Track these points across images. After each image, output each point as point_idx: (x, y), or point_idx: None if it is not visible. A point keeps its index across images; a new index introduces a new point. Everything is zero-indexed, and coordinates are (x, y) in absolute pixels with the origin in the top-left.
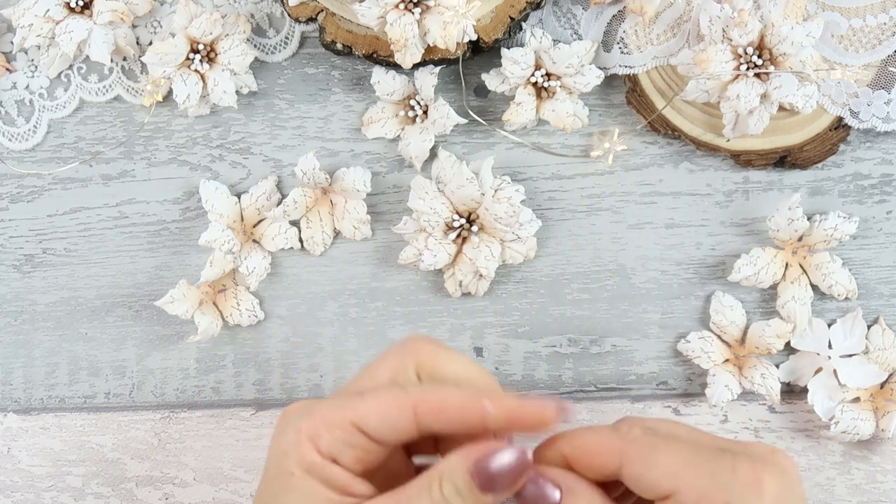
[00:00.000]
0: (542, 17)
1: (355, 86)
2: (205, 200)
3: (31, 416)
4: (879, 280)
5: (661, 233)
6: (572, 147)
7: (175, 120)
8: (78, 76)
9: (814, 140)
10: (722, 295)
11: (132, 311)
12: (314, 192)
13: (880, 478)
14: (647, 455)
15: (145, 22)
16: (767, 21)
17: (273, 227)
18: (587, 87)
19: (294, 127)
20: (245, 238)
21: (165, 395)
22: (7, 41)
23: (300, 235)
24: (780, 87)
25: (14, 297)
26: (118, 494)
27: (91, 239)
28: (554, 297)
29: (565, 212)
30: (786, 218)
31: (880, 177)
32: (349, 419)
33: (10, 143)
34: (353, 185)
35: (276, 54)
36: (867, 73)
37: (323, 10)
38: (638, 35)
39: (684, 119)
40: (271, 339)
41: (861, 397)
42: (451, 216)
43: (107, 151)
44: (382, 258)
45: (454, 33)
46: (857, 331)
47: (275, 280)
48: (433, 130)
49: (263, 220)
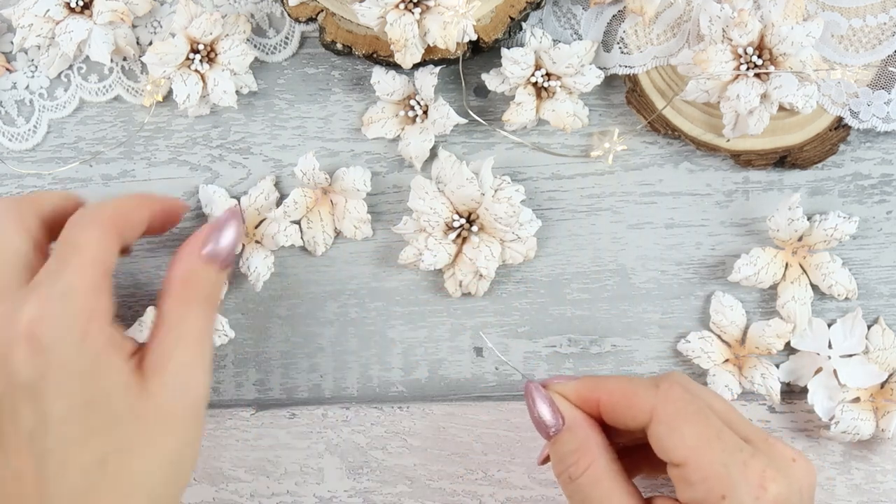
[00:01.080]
0: (542, 17)
1: (355, 86)
2: (204, 205)
3: None
4: (879, 280)
5: (661, 233)
6: (572, 147)
7: (175, 120)
8: (78, 76)
9: (814, 140)
10: (722, 295)
11: (132, 312)
12: (314, 192)
13: (880, 478)
14: (675, 421)
15: (145, 22)
16: (767, 21)
17: (273, 226)
18: (587, 87)
19: (294, 127)
20: (247, 240)
21: None
22: (7, 41)
23: (302, 235)
24: (780, 87)
25: None
26: None
27: None
28: (554, 297)
29: (565, 212)
30: (786, 218)
31: (880, 177)
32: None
33: (10, 143)
34: (353, 184)
35: (276, 54)
36: (867, 73)
37: (323, 10)
38: (638, 35)
39: (684, 119)
40: (271, 339)
41: (861, 397)
42: (451, 216)
43: (107, 151)
44: (382, 258)
45: (454, 33)
46: (857, 331)
47: (275, 280)
48: (433, 130)
49: (264, 221)
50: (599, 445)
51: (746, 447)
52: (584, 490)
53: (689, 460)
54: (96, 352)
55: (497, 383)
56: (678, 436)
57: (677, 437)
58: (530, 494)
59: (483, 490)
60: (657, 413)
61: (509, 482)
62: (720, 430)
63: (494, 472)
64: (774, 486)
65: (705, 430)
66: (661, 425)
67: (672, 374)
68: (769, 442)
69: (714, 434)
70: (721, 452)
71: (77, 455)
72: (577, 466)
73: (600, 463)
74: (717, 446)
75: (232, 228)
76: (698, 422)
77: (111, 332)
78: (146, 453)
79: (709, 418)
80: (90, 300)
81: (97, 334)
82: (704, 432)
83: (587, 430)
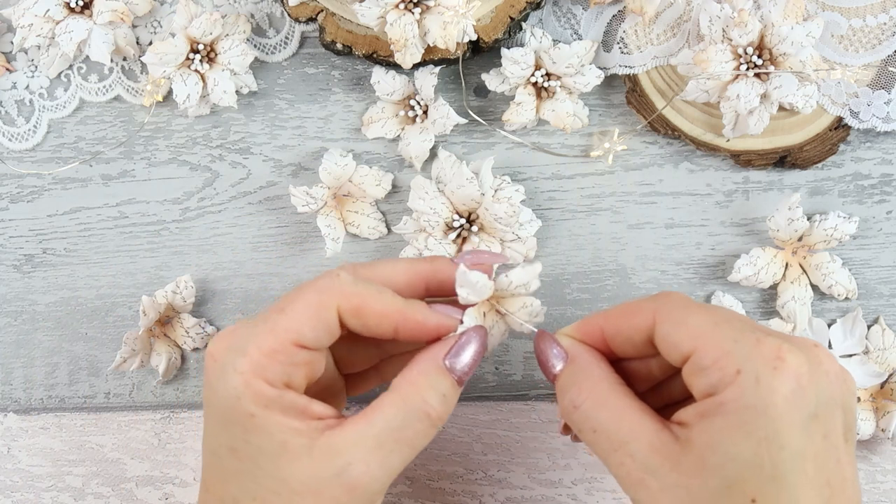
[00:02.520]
0: (542, 17)
1: (355, 86)
2: (459, 285)
3: (31, 416)
4: (879, 280)
5: (661, 233)
6: (572, 147)
7: (175, 120)
8: (78, 76)
9: (814, 140)
10: (722, 295)
11: (132, 311)
12: (330, 191)
13: (880, 478)
14: (678, 314)
15: (145, 22)
16: (767, 21)
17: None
18: (587, 87)
19: (294, 127)
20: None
21: (165, 395)
22: (7, 41)
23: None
24: (780, 87)
25: (14, 297)
26: (118, 494)
27: (91, 239)
28: (554, 297)
29: (565, 212)
30: (786, 218)
31: (880, 177)
32: (288, 340)
33: (10, 143)
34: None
35: (276, 54)
36: (867, 73)
37: (323, 10)
38: (638, 35)
39: (684, 119)
40: None
41: (861, 397)
42: (451, 216)
43: (107, 151)
44: (382, 258)
45: (454, 33)
46: (857, 331)
47: (274, 280)
48: (433, 130)
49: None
50: (603, 370)
51: (760, 328)
52: (592, 414)
53: (698, 346)
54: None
55: (497, 383)
56: (683, 326)
57: (682, 327)
58: (530, 494)
59: (483, 490)
60: (659, 315)
61: (509, 482)
62: (729, 315)
63: (494, 472)
64: (793, 358)
65: (711, 318)
66: (664, 324)
67: (667, 291)
68: (791, 335)
69: (723, 319)
70: (731, 331)
71: None
72: (580, 391)
73: (603, 386)
74: (726, 327)
75: (473, 349)
76: (702, 312)
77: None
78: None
79: (714, 308)
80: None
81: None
82: (711, 319)
83: (588, 358)
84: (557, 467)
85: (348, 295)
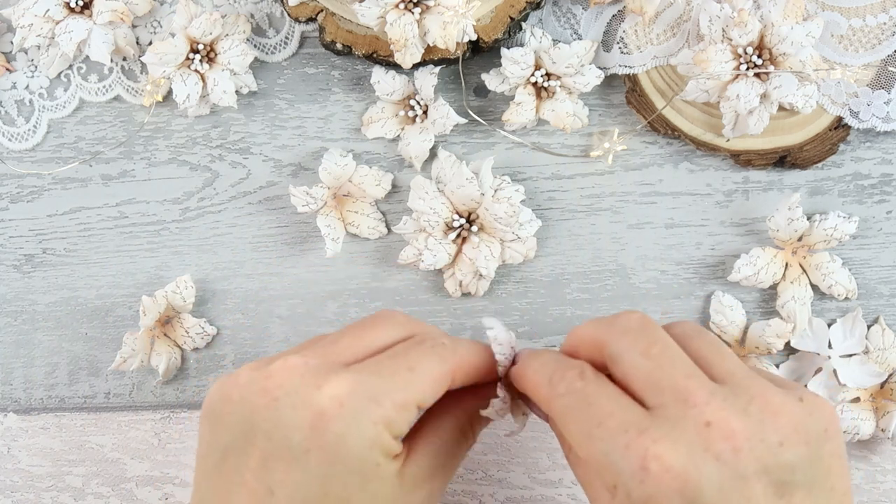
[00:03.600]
0: (542, 17)
1: (355, 86)
2: (493, 339)
3: (31, 416)
4: (879, 280)
5: (660, 233)
6: (572, 147)
7: (175, 120)
8: (78, 76)
9: (814, 140)
10: (722, 295)
11: (132, 311)
12: (329, 191)
13: (880, 478)
14: (562, 419)
15: (145, 22)
16: (767, 21)
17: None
18: (587, 87)
19: (294, 127)
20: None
21: (165, 395)
22: (7, 41)
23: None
24: (780, 87)
25: (14, 297)
26: (118, 494)
27: (91, 239)
28: (554, 297)
29: (565, 212)
30: (786, 218)
31: (880, 177)
32: (415, 401)
33: (10, 143)
34: (371, 184)
35: (276, 54)
36: (867, 73)
37: (323, 10)
38: (638, 35)
39: (684, 119)
40: (271, 339)
41: (861, 397)
42: (451, 216)
43: (107, 151)
44: (382, 258)
45: (454, 33)
46: (857, 331)
47: (275, 280)
48: (433, 130)
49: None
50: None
51: (636, 423)
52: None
53: (583, 456)
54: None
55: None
56: (570, 435)
57: (571, 436)
58: (530, 494)
59: (483, 490)
60: (553, 413)
61: (509, 482)
62: (603, 415)
63: (494, 472)
64: (658, 465)
65: (594, 416)
66: (556, 424)
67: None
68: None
69: (605, 413)
70: (602, 440)
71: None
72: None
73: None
74: (599, 432)
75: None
76: (581, 410)
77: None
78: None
79: (591, 405)
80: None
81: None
82: (588, 422)
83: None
84: (557, 467)
85: (462, 367)
